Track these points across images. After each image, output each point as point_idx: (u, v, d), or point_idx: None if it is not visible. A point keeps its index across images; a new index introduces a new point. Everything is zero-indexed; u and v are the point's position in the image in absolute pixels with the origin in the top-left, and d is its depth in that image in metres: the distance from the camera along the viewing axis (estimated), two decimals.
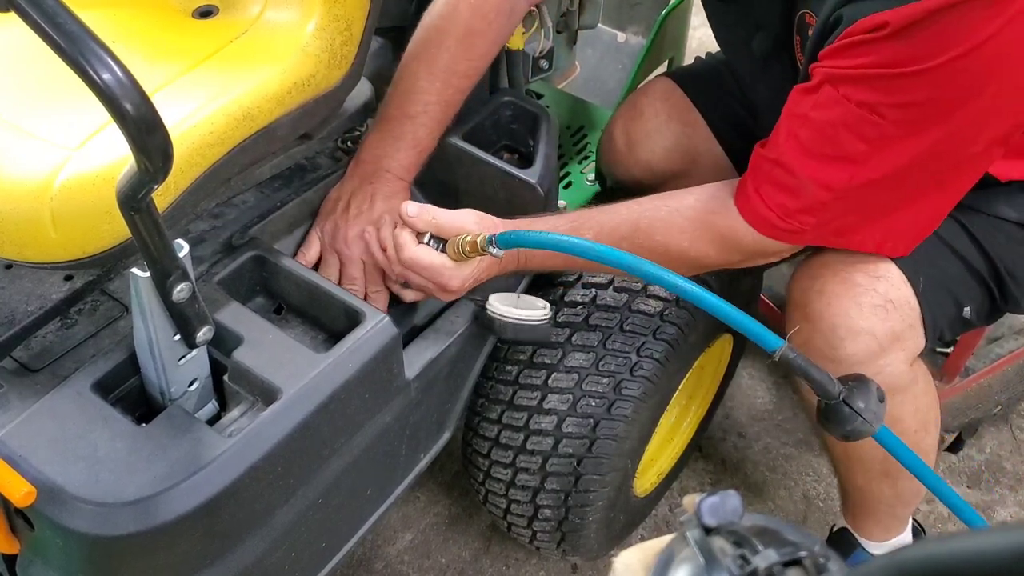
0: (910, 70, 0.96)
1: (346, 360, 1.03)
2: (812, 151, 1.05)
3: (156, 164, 0.73)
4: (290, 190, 1.25)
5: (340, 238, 1.23)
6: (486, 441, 1.40)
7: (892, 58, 0.96)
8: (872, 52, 0.98)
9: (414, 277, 1.16)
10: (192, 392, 1.01)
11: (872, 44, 0.97)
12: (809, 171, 1.06)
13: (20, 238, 0.93)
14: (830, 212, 1.09)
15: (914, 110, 0.99)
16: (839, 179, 1.05)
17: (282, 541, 1.05)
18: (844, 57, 1.00)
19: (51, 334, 1.04)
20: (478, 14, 1.26)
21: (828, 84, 1.02)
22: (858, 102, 1.00)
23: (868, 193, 1.08)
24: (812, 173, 1.06)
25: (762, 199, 1.11)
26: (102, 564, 0.93)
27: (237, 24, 1.12)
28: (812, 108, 1.04)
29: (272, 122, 1.06)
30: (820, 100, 1.03)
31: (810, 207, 1.08)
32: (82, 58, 0.67)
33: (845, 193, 1.06)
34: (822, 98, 1.03)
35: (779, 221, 1.10)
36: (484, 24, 1.27)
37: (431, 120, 1.27)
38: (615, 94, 1.87)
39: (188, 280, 0.88)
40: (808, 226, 1.10)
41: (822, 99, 1.03)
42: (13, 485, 0.87)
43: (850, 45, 0.99)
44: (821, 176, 1.06)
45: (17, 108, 1.00)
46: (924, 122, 1.00)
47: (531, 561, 1.70)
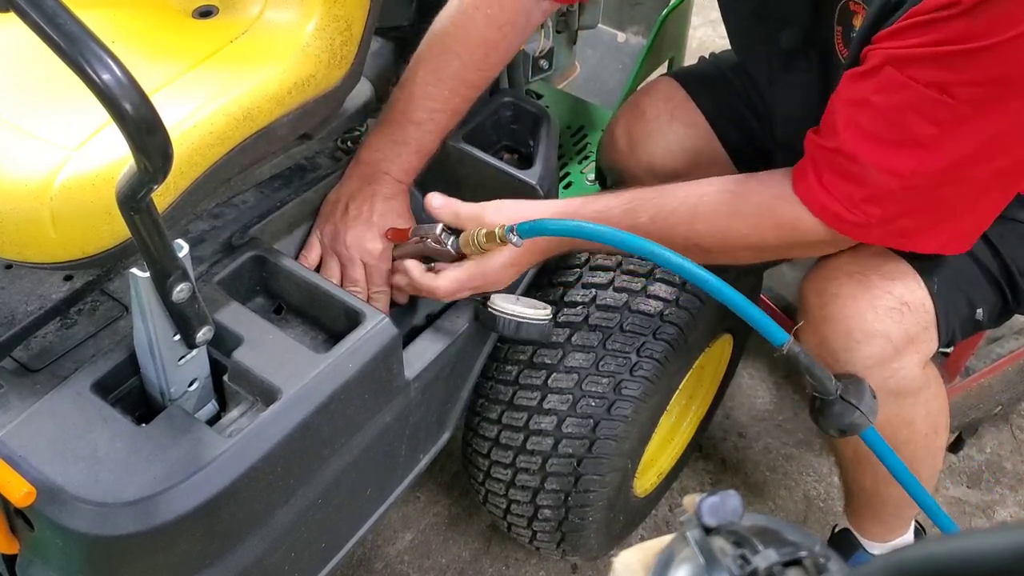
0: (984, 44, 0.91)
1: (346, 360, 1.03)
2: (876, 137, 1.01)
3: (156, 164, 0.73)
4: (290, 190, 1.25)
5: (340, 240, 1.23)
6: (486, 441, 1.40)
7: (965, 33, 0.92)
8: (942, 29, 0.93)
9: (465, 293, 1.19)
10: (192, 392, 1.01)
11: (943, 22, 0.93)
12: (874, 158, 1.01)
13: (20, 238, 0.93)
14: (896, 204, 1.04)
15: (986, 88, 0.95)
16: (906, 165, 1.00)
17: (282, 541, 1.05)
18: (909, 37, 0.96)
19: (51, 334, 1.04)
20: (493, 25, 1.24)
21: (891, 66, 0.97)
22: (927, 83, 0.95)
23: (934, 187, 1.02)
24: (877, 160, 1.01)
25: (826, 189, 1.06)
26: (102, 564, 0.93)
27: (237, 24, 1.12)
28: (874, 92, 1.00)
29: (272, 122, 1.06)
30: (882, 83, 0.98)
31: (876, 196, 1.03)
32: (82, 58, 0.67)
33: (912, 181, 1.01)
34: (884, 81, 0.98)
35: (846, 212, 1.05)
36: (499, 35, 1.25)
37: (436, 127, 1.27)
38: (615, 94, 1.87)
39: (188, 280, 0.88)
40: (874, 219, 1.05)
41: (885, 82, 0.98)
42: (13, 485, 0.87)
43: (916, 24, 0.95)
44: (887, 162, 1.01)
45: (17, 108, 1.00)
46: (996, 100, 0.96)
47: (531, 561, 1.70)
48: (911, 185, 1.02)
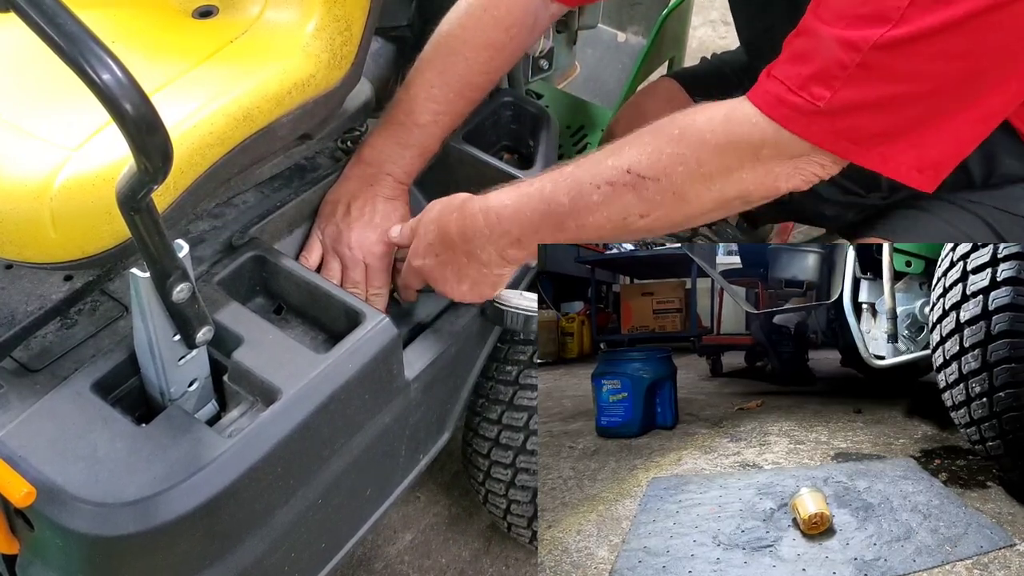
0: None
1: (346, 361, 1.03)
2: (842, 11, 0.91)
3: (156, 164, 0.73)
4: (290, 190, 1.25)
5: (343, 241, 1.23)
6: (486, 441, 1.40)
7: None
8: None
9: None
10: (192, 392, 1.01)
11: None
12: (834, 30, 0.91)
13: (20, 238, 0.93)
14: (848, 87, 0.92)
15: None
16: (866, 38, 0.89)
17: (282, 541, 1.05)
18: None
19: (51, 334, 1.04)
20: (500, 27, 1.24)
21: None
22: None
23: (894, 76, 0.91)
24: (837, 32, 0.91)
25: (772, 76, 0.96)
26: (101, 564, 0.93)
27: (237, 24, 1.12)
28: None
29: (272, 122, 1.06)
30: None
31: (825, 73, 0.92)
32: (82, 58, 0.67)
33: (870, 58, 0.90)
34: None
35: (788, 94, 0.93)
36: (505, 38, 1.25)
37: (440, 129, 1.27)
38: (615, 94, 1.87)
39: (188, 280, 0.88)
40: (822, 104, 0.92)
41: None
42: (13, 485, 0.87)
43: None
44: (846, 33, 0.90)
45: (17, 108, 1.00)
46: None
47: (531, 561, 1.70)
48: (868, 63, 0.90)
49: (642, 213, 1.01)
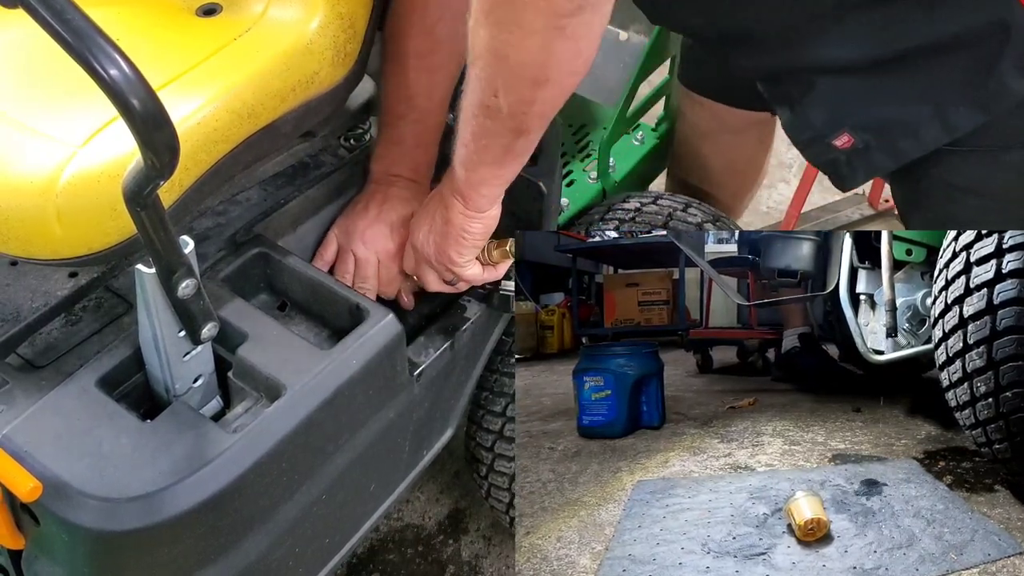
0: None
1: (350, 357, 1.03)
2: None
3: (163, 160, 0.73)
4: (293, 187, 1.25)
5: (356, 238, 1.24)
6: (490, 435, 1.40)
7: None
8: None
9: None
10: (197, 388, 1.01)
11: None
12: None
13: (25, 235, 0.94)
14: None
15: None
16: None
17: (286, 537, 1.05)
18: None
19: (56, 331, 1.04)
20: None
21: None
22: None
23: None
24: None
25: None
26: (107, 559, 0.93)
27: (240, 22, 1.12)
28: None
29: (276, 119, 1.07)
30: None
31: None
32: (89, 54, 0.67)
33: None
34: None
35: None
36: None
37: (424, 116, 1.23)
38: (617, 92, 1.87)
39: (193, 276, 0.89)
40: None
41: None
42: (19, 480, 0.87)
43: None
44: None
45: (22, 105, 1.00)
46: None
47: None
48: None
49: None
